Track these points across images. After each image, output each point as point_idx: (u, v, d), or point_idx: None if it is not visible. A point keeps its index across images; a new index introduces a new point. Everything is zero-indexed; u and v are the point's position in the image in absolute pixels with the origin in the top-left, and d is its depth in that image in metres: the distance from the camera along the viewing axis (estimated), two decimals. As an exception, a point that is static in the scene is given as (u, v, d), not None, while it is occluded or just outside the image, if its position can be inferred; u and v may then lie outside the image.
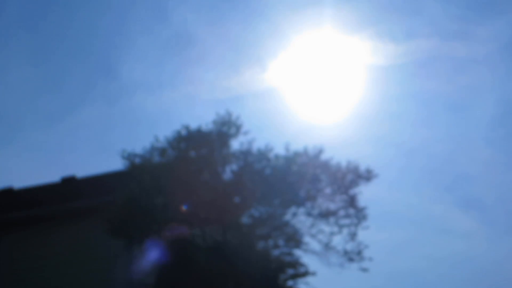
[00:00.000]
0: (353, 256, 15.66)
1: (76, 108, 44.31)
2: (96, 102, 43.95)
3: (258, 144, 15.70)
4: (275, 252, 16.48)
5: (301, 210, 15.89)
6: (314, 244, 16.09)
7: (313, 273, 16.16)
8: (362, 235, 15.82)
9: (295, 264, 16.23)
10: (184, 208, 15.61)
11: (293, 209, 15.90)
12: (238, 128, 15.58)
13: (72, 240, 18.43)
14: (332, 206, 15.76)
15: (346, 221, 15.78)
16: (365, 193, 15.81)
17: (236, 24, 41.17)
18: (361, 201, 15.76)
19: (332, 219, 15.77)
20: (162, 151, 15.79)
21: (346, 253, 15.70)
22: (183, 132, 15.63)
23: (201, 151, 15.47)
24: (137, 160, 15.96)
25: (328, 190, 15.69)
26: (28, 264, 18.75)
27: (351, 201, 15.60)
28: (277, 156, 15.57)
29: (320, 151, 15.60)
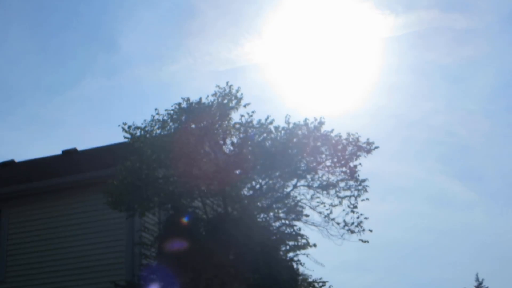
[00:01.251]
0: (353, 227, 15.73)
1: (76, 81, 44.25)
2: (97, 75, 43.91)
3: (259, 116, 15.70)
4: (276, 224, 16.57)
5: (302, 182, 15.94)
6: (314, 216, 16.18)
7: (314, 245, 16.26)
8: (363, 207, 15.90)
9: (296, 235, 16.30)
10: (185, 180, 15.64)
11: (293, 181, 15.95)
12: (238, 100, 15.51)
13: (74, 212, 18.46)
14: (333, 178, 15.79)
15: (346, 193, 15.82)
16: (365, 165, 15.83)
17: (236, -4, 40.99)
18: (362, 173, 15.79)
19: (332, 191, 15.81)
20: (163, 124, 15.76)
21: (346, 224, 15.76)
22: (184, 105, 15.57)
23: (202, 124, 15.44)
24: (137, 133, 15.96)
25: (328, 162, 15.69)
26: (29, 237, 18.81)
27: (352, 173, 15.59)
28: (277, 128, 15.55)
29: (321, 123, 15.56)
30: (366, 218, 15.77)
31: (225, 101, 15.50)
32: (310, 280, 16.72)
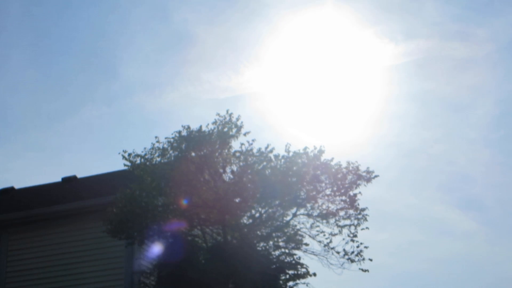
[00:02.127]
0: (353, 257, 15.68)
1: (76, 109, 44.34)
2: (97, 102, 43.99)
3: (259, 145, 15.71)
4: (276, 253, 16.50)
5: (301, 211, 15.92)
6: (314, 245, 16.14)
7: (314, 274, 16.19)
8: (362, 236, 15.87)
9: (296, 264, 16.24)
10: (184, 208, 15.63)
11: (293, 209, 15.93)
12: (238, 128, 15.57)
13: (73, 240, 18.44)
14: (332, 207, 15.76)
15: (346, 222, 15.81)
16: (365, 194, 15.82)
17: (235, 24, 41.24)
18: (361, 202, 15.77)
19: (332, 220, 15.79)
20: (163, 152, 15.81)
21: (346, 254, 15.72)
22: (184, 133, 15.63)
23: (202, 152, 15.47)
24: (137, 161, 15.99)
25: (328, 191, 15.67)
26: (28, 264, 18.76)
27: (351, 202, 15.58)
28: (277, 157, 15.55)
29: (320, 152, 15.57)
30: (366, 247, 15.74)
31: (225, 129, 15.55)
32: (309, 309, 16.61)
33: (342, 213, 15.75)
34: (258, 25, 40.97)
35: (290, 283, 16.35)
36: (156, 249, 17.45)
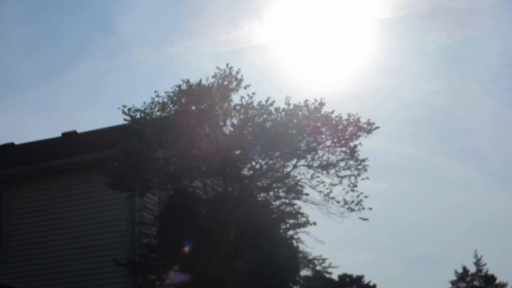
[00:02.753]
0: (353, 206, 15.82)
1: (75, 64, 44.17)
2: (94, 57, 43.81)
3: (259, 98, 15.75)
4: (276, 203, 16.71)
5: (302, 162, 16.01)
6: (314, 195, 16.26)
7: (314, 223, 16.45)
8: (362, 186, 16.01)
9: (296, 214, 16.47)
10: (185, 160, 15.78)
11: (293, 161, 16.03)
12: (239, 82, 15.57)
13: (75, 193, 18.61)
14: (333, 158, 15.86)
15: (346, 172, 15.90)
16: (365, 145, 15.88)
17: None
18: (362, 153, 15.86)
19: (332, 171, 15.87)
20: (163, 106, 15.83)
21: (346, 203, 15.85)
22: (184, 86, 15.61)
23: (202, 105, 15.53)
24: (137, 115, 16.04)
25: (328, 142, 15.71)
26: (30, 218, 18.98)
27: (352, 153, 15.66)
28: (277, 109, 15.61)
29: (321, 104, 15.59)
30: (366, 197, 15.87)
31: (225, 82, 15.56)
32: (310, 257, 16.90)
33: (342, 163, 15.86)
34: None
35: (290, 232, 16.62)
36: (157, 200, 17.70)
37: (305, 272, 16.75)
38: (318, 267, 16.68)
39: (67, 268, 18.07)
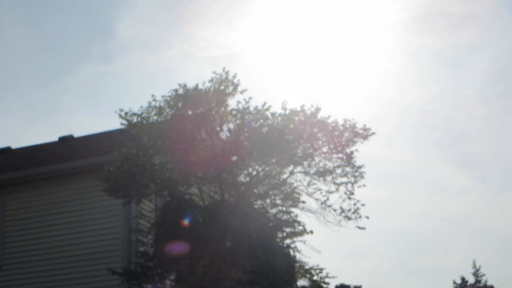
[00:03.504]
0: (350, 214, 15.71)
1: (72, 67, 44.13)
2: (92, 60, 43.77)
3: (255, 102, 15.66)
4: (273, 211, 16.57)
5: (298, 168, 15.90)
6: (311, 203, 16.19)
7: (311, 232, 16.27)
8: (359, 193, 15.89)
9: (293, 222, 16.30)
10: (181, 166, 15.62)
11: (290, 167, 15.92)
12: (235, 86, 15.48)
13: (71, 199, 18.45)
14: (329, 165, 15.75)
15: (343, 179, 15.79)
16: (362, 151, 15.79)
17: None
18: (358, 159, 15.74)
19: (329, 178, 15.78)
20: (160, 110, 15.76)
21: (343, 211, 15.74)
22: (180, 91, 15.53)
23: (199, 110, 15.42)
24: (134, 119, 15.96)
25: (325, 149, 15.64)
26: (26, 224, 18.80)
27: (348, 159, 15.54)
28: (274, 115, 15.49)
29: (317, 109, 15.46)
30: (363, 205, 15.76)
31: (222, 87, 15.46)
32: (307, 267, 16.71)
33: (339, 170, 15.73)
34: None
35: (287, 241, 16.45)
36: (154, 207, 17.52)
37: (302, 282, 16.51)
38: (315, 277, 16.39)
39: (62, 276, 17.85)
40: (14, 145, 23.87)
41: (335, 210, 15.76)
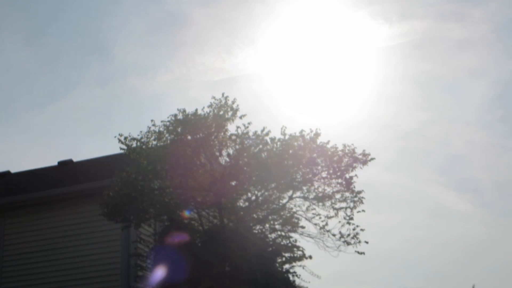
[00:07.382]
0: (349, 239, 15.70)
1: (70, 91, 44.24)
2: (90, 84, 43.88)
3: (255, 127, 15.68)
4: (272, 236, 16.55)
5: (298, 193, 15.92)
6: (310, 228, 16.19)
7: (310, 257, 16.23)
8: (358, 218, 15.87)
9: (292, 247, 16.27)
10: (180, 191, 15.62)
11: (289, 192, 15.93)
12: (234, 111, 15.52)
13: (70, 224, 18.44)
14: (328, 190, 15.74)
15: (342, 204, 15.81)
16: (361, 176, 15.79)
17: (229, 5, 41.05)
18: (358, 185, 15.75)
19: (328, 203, 15.79)
20: (159, 135, 15.81)
21: (342, 236, 15.75)
22: (180, 116, 15.59)
23: (198, 135, 15.43)
24: (134, 144, 16.00)
25: (324, 174, 15.65)
26: (24, 248, 18.76)
27: (347, 185, 15.55)
28: (273, 140, 15.52)
29: (316, 135, 15.51)
30: (362, 230, 15.76)
31: (221, 112, 15.50)
32: (306, 292, 16.66)
33: (338, 195, 15.74)
34: (252, 6, 40.78)
35: (286, 266, 16.39)
36: (152, 232, 17.49)
37: (301, 308, 16.46)
38: (315, 303, 16.35)
39: (60, 301, 17.78)
40: (13, 169, 23.91)
41: (334, 235, 15.79)
